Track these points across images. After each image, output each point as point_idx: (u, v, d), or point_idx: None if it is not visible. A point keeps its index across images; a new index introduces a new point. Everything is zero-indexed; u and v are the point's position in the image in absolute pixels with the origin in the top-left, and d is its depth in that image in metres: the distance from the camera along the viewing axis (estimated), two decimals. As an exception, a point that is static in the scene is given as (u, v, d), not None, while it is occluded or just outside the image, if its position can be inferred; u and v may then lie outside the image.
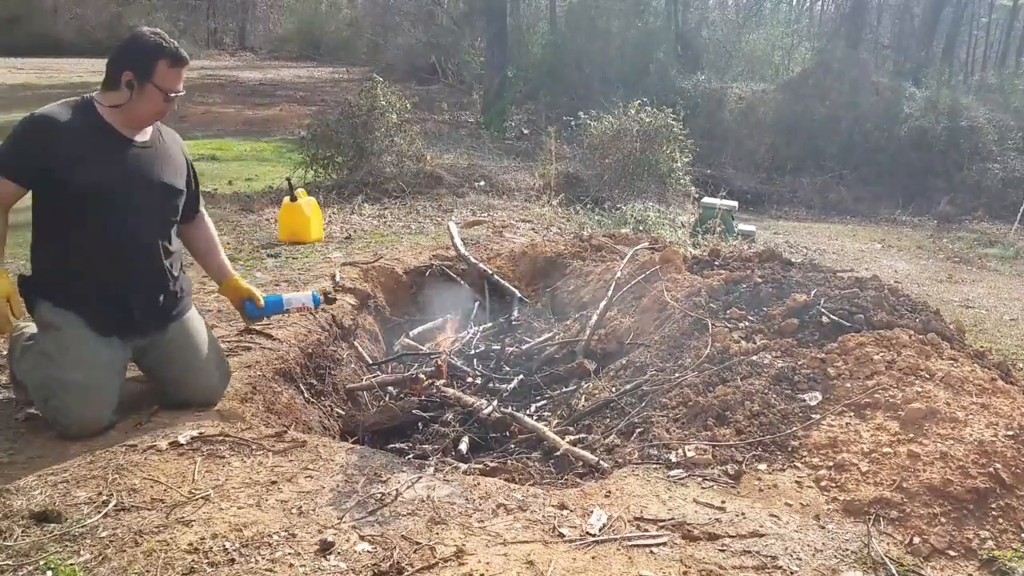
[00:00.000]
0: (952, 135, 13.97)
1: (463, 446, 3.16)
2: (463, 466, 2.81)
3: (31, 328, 2.82)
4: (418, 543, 2.05)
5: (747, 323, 3.45)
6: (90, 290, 2.61)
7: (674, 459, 2.58)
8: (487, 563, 1.96)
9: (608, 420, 3.16)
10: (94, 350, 2.62)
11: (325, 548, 2.00)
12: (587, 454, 2.83)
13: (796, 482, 2.40)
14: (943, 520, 2.18)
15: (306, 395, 3.45)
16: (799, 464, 2.50)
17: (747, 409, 2.77)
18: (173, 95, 2.59)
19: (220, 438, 2.59)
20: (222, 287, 3.03)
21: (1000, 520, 2.19)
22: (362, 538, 2.06)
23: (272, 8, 32.18)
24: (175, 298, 2.84)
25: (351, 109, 8.57)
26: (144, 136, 2.68)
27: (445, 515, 2.20)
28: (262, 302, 2.98)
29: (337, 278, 4.59)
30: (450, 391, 3.66)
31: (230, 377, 3.01)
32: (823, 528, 2.18)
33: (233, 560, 1.95)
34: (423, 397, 3.64)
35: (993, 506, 2.22)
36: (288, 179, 6.38)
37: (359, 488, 2.33)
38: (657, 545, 2.07)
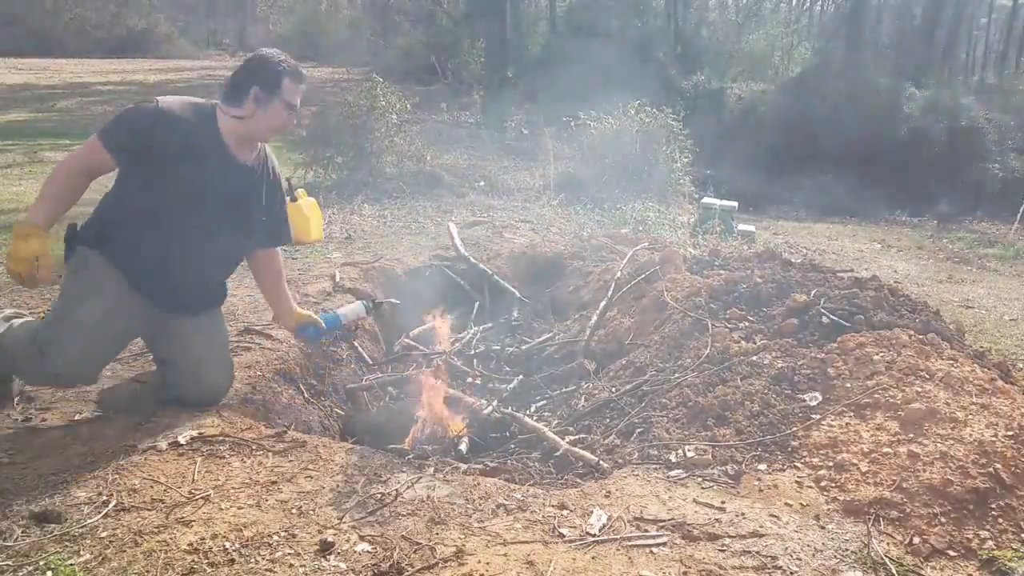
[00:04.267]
0: (952, 135, 13.96)
1: (463, 446, 3.16)
2: (463, 466, 2.80)
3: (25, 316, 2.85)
4: (418, 543, 2.05)
5: (747, 323, 3.45)
6: (137, 259, 2.63)
7: (674, 459, 2.58)
8: (487, 563, 1.96)
9: (608, 420, 3.16)
10: (116, 301, 2.61)
11: (325, 548, 2.00)
12: (587, 454, 2.83)
13: (796, 482, 2.40)
14: (943, 520, 2.19)
15: (306, 395, 3.45)
16: (799, 464, 2.50)
17: (747, 409, 2.77)
18: (293, 109, 2.71)
19: (220, 438, 2.59)
20: (278, 315, 3.08)
21: (1000, 520, 2.19)
22: (362, 538, 2.07)
23: (272, 8, 32.19)
24: (209, 295, 2.91)
25: (351, 109, 8.57)
26: (248, 159, 2.73)
27: (445, 515, 2.20)
28: (322, 323, 3.07)
29: (337, 278, 4.59)
30: (450, 391, 3.66)
31: (234, 380, 3.02)
32: (823, 528, 2.18)
33: (233, 560, 1.95)
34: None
35: (993, 506, 2.23)
36: (288, 179, 6.36)
37: (359, 488, 2.33)
38: (657, 545, 2.07)
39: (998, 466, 2.31)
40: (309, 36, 27.21)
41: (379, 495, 2.29)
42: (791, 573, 1.97)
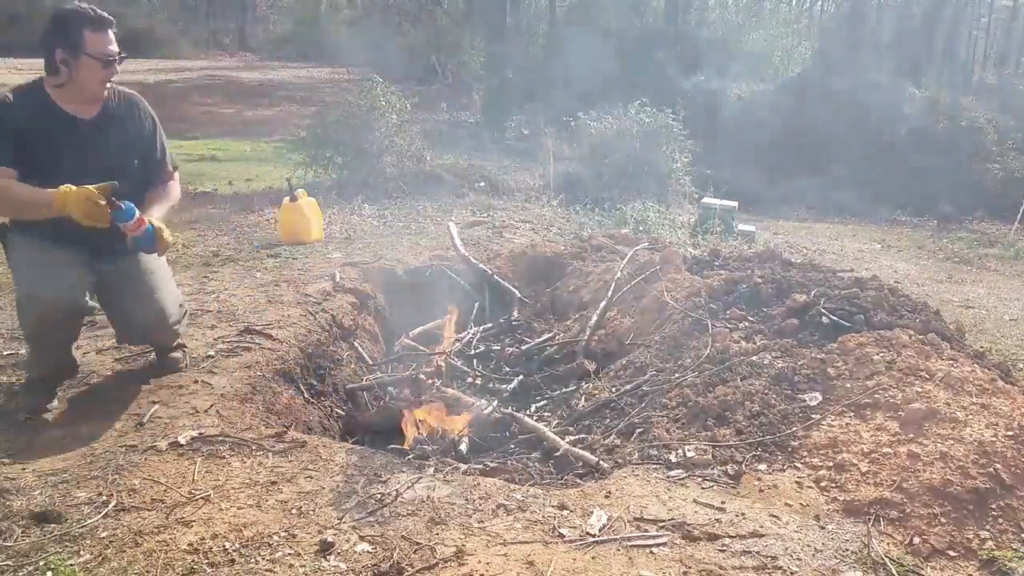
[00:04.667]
0: (952, 135, 13.95)
1: (463, 446, 3.17)
2: (463, 466, 2.81)
3: None
4: (418, 543, 2.05)
5: (747, 323, 3.45)
6: (53, 227, 2.66)
7: (674, 459, 2.58)
8: (487, 563, 1.96)
9: (608, 420, 3.16)
10: (55, 250, 2.68)
11: (325, 548, 2.01)
12: (587, 454, 2.83)
13: (796, 482, 2.40)
14: (943, 520, 2.19)
15: (306, 395, 3.46)
16: (799, 464, 2.50)
17: (747, 409, 2.77)
18: (109, 59, 2.66)
19: (220, 438, 2.59)
20: None
21: (1000, 520, 2.19)
22: (362, 538, 2.07)
23: (272, 8, 32.22)
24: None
25: (351, 109, 8.57)
26: (91, 112, 2.75)
27: (445, 515, 2.20)
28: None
29: (337, 278, 4.59)
30: (450, 391, 3.66)
31: (188, 315, 3.09)
32: (823, 528, 2.18)
33: (233, 560, 1.95)
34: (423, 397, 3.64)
35: (993, 506, 2.23)
36: (288, 179, 6.39)
37: (359, 488, 2.33)
38: (657, 545, 2.07)
39: (998, 466, 2.31)
40: (309, 36, 27.22)
41: (379, 495, 2.29)
42: (791, 573, 1.97)
